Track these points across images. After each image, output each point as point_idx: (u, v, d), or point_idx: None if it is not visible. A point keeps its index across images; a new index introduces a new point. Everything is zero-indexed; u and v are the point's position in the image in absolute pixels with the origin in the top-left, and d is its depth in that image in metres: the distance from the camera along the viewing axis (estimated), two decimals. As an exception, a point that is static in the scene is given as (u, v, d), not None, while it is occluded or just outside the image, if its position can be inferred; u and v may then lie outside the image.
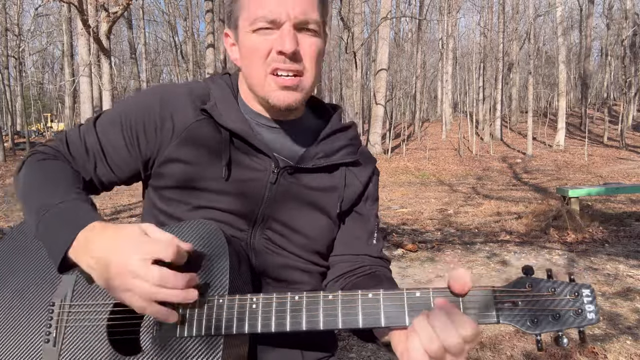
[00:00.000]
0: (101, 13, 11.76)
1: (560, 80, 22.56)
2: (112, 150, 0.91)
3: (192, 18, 34.76)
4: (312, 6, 0.84)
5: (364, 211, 1.01)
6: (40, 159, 0.90)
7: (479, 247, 5.38)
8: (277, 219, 0.92)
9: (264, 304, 0.72)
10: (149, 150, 0.91)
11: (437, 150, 22.11)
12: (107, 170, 0.93)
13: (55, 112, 39.24)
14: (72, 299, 0.80)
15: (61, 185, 0.84)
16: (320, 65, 0.90)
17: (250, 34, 0.84)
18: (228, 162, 0.88)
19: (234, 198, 0.89)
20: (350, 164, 0.98)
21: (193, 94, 0.92)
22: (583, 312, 0.65)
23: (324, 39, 0.90)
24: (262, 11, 0.82)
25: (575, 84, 39.89)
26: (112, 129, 0.92)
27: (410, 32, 36.58)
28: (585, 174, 14.69)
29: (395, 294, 0.70)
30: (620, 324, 3.14)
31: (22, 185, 0.88)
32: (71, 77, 23.45)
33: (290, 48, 0.81)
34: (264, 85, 0.86)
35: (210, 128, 0.89)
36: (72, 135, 0.94)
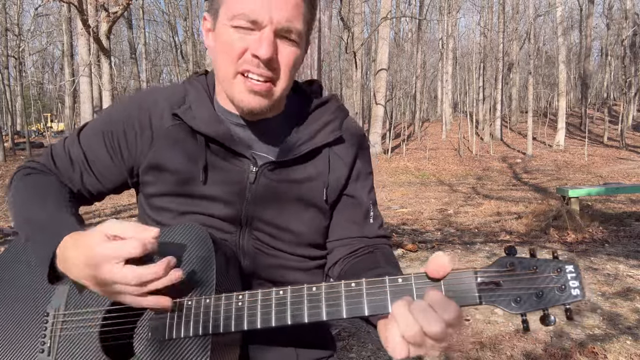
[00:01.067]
0: (101, 13, 11.76)
1: (560, 80, 22.56)
2: (97, 160, 0.92)
3: (192, 18, 34.76)
4: (298, 15, 0.81)
5: (354, 192, 0.97)
6: (27, 173, 0.92)
7: (479, 247, 5.39)
8: (262, 218, 0.90)
9: (250, 301, 0.72)
10: (131, 157, 0.91)
11: (437, 150, 22.12)
12: (93, 180, 0.93)
13: (55, 112, 39.24)
14: (65, 308, 0.81)
15: (45, 199, 0.85)
16: (294, 74, 0.87)
17: (228, 28, 0.80)
18: (205, 166, 0.87)
19: (216, 202, 0.88)
20: (334, 142, 0.93)
21: (170, 98, 0.91)
22: (567, 289, 0.62)
23: (304, 49, 0.87)
24: (245, 9, 0.78)
25: (575, 84, 39.89)
26: (94, 139, 0.92)
27: (410, 32, 36.58)
28: (585, 174, 14.69)
29: (378, 281, 0.69)
30: (620, 324, 3.14)
31: (12, 200, 0.89)
32: (71, 77, 23.45)
33: (266, 54, 0.78)
34: (232, 84, 0.83)
35: (185, 133, 0.88)
36: (57, 149, 0.95)
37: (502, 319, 3.28)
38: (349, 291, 0.69)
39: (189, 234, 0.79)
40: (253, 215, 0.89)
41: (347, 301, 0.69)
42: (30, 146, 21.01)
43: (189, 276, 0.75)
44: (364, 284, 0.69)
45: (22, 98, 31.09)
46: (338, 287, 0.70)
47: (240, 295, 0.72)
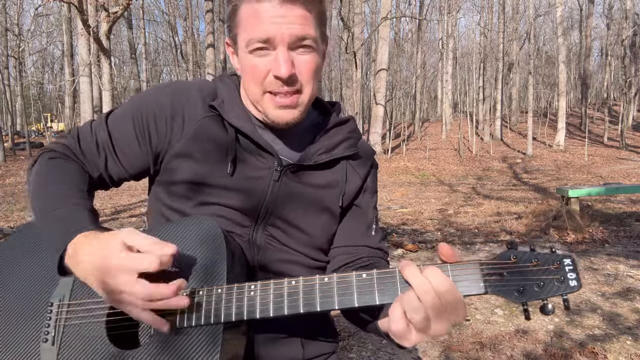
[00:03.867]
0: (101, 13, 11.76)
1: (560, 80, 22.56)
2: (124, 145, 0.92)
3: (192, 18, 34.76)
4: (307, 22, 0.84)
5: (362, 204, 1.03)
6: (50, 157, 0.91)
7: (479, 247, 5.39)
8: (280, 216, 0.94)
9: (262, 290, 0.74)
10: (160, 144, 0.92)
11: (437, 150, 22.12)
12: (117, 165, 0.93)
13: (55, 112, 39.23)
14: (70, 298, 0.81)
15: (64, 189, 0.85)
16: (317, 79, 0.91)
17: (247, 54, 0.86)
18: (234, 158, 0.90)
19: (238, 194, 0.91)
20: (350, 157, 1.00)
21: (203, 91, 0.94)
22: (566, 280, 0.68)
23: (321, 51, 0.91)
24: (256, 33, 0.83)
25: (575, 84, 39.89)
26: (123, 124, 0.93)
27: (410, 32, 36.59)
28: (585, 174, 14.69)
29: (388, 272, 0.72)
30: (620, 324, 3.14)
31: (31, 184, 0.89)
32: (71, 77, 23.45)
33: (287, 73, 0.83)
34: (262, 102, 0.89)
35: (217, 125, 0.92)
36: (83, 131, 0.95)
37: (502, 319, 3.28)
38: (360, 281, 0.72)
39: (200, 228, 0.80)
40: (271, 211, 0.93)
41: (358, 290, 0.72)
42: (30, 146, 21.01)
43: (200, 270, 0.76)
44: (374, 274, 0.72)
45: (22, 98, 31.09)
46: (349, 277, 0.73)
47: (252, 285, 0.75)
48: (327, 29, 0.94)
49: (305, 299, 0.73)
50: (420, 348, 2.88)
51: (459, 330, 3.09)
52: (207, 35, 18.73)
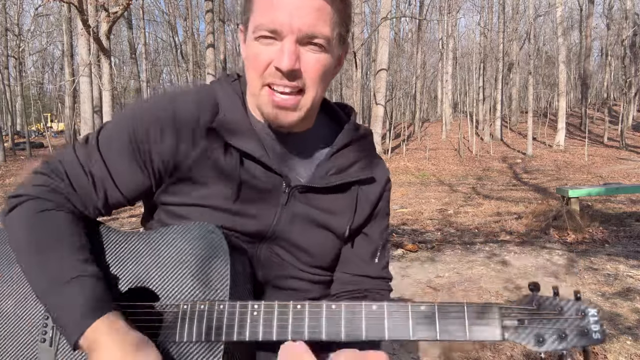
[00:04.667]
0: (101, 13, 11.76)
1: (560, 80, 22.56)
2: (124, 174, 0.84)
3: (192, 18, 34.75)
4: (322, 19, 0.77)
5: (369, 231, 0.97)
6: (39, 209, 0.79)
7: (479, 247, 5.38)
8: (285, 238, 0.90)
9: (266, 311, 0.71)
10: (162, 167, 0.85)
11: (437, 151, 22.11)
12: (116, 194, 0.85)
13: (55, 112, 39.22)
14: None
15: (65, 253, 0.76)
16: (325, 82, 0.83)
17: (253, 41, 0.80)
18: (238, 183, 0.84)
19: (243, 219, 0.86)
20: (364, 181, 0.93)
21: (202, 104, 0.85)
22: (589, 332, 0.65)
23: (334, 54, 0.83)
24: (265, 19, 0.76)
25: (575, 84, 39.88)
26: (121, 150, 0.83)
27: (410, 32, 36.60)
28: (585, 174, 14.69)
29: (400, 306, 0.69)
30: (620, 324, 3.14)
31: (17, 241, 0.79)
32: (71, 77, 23.44)
33: (288, 66, 0.76)
34: (259, 96, 0.82)
35: (220, 147, 0.84)
36: (71, 165, 0.83)
37: (502, 319, 3.28)
38: (370, 312, 0.69)
39: (204, 234, 0.78)
40: (277, 234, 0.89)
41: (367, 323, 0.69)
42: (30, 146, 21.01)
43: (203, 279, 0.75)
44: (385, 307, 0.69)
45: (22, 98, 31.09)
46: (358, 308, 0.69)
47: (256, 304, 0.71)
48: (348, 33, 0.85)
49: (311, 326, 0.70)
50: (421, 348, 2.88)
51: (459, 330, 3.09)
52: (207, 35, 18.72)
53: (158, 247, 0.80)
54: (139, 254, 0.81)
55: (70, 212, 0.81)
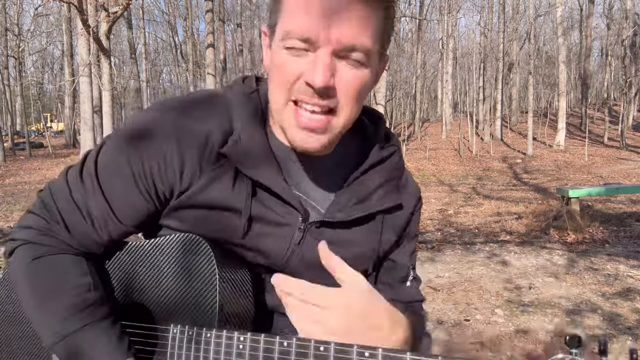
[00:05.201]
0: (101, 13, 11.76)
1: (561, 80, 22.56)
2: (126, 207, 0.75)
3: (192, 18, 34.77)
4: (365, 30, 0.65)
5: (396, 257, 0.87)
6: (34, 256, 0.74)
7: (479, 247, 5.38)
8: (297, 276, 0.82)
9: (252, 343, 0.66)
10: (168, 193, 0.75)
11: (437, 151, 22.12)
12: (120, 228, 0.77)
13: (55, 112, 39.24)
14: None
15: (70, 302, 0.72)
16: (361, 102, 0.71)
17: (281, 49, 0.67)
18: (249, 217, 0.74)
19: (251, 253, 0.78)
20: (391, 210, 0.82)
21: (212, 125, 0.74)
22: None
23: (375, 69, 0.71)
24: (296, 25, 0.64)
25: (575, 84, 39.89)
26: (122, 180, 0.74)
27: (410, 32, 36.59)
28: (586, 174, 14.68)
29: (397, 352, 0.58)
30: (620, 324, 3.14)
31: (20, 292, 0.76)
32: (71, 77, 23.44)
33: (321, 83, 0.64)
34: (282, 113, 0.70)
35: (230, 172, 0.74)
36: (66, 207, 0.75)
37: (502, 319, 3.28)
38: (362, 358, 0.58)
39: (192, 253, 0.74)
40: (289, 271, 0.78)
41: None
42: (30, 146, 21.02)
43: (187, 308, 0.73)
44: (380, 352, 0.58)
45: (22, 98, 31.09)
46: (349, 352, 0.59)
47: (242, 337, 0.66)
48: (388, 45, 0.74)
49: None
50: (420, 348, 2.88)
51: (459, 330, 3.09)
52: (207, 35, 18.71)
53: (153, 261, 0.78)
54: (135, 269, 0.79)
55: (66, 253, 0.76)
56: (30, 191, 11.31)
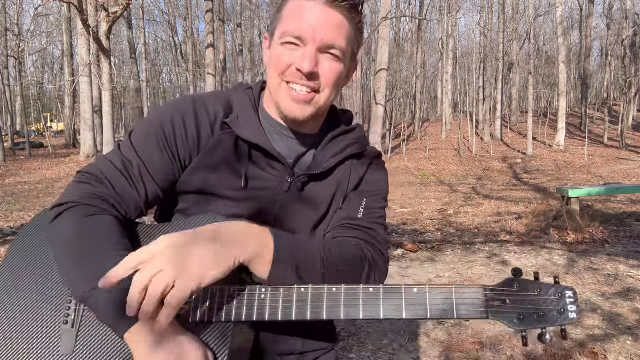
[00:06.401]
0: (101, 13, 11.76)
1: (561, 80, 22.56)
2: (157, 165, 0.94)
3: (192, 18, 34.76)
4: (341, 34, 0.90)
5: (352, 194, 1.02)
6: (85, 214, 0.85)
7: (479, 247, 5.38)
8: (287, 225, 0.98)
9: (272, 294, 0.78)
10: (185, 158, 0.96)
11: (437, 151, 22.12)
12: (154, 187, 0.94)
13: (55, 112, 39.25)
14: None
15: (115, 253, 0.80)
16: (337, 88, 0.95)
17: (279, 46, 0.91)
18: (246, 172, 0.95)
19: (248, 205, 0.96)
20: (356, 156, 1.03)
21: (219, 106, 0.97)
22: (565, 312, 0.71)
23: (346, 65, 0.95)
24: (292, 27, 0.89)
25: (575, 84, 39.89)
26: (153, 144, 0.94)
27: (410, 32, 36.59)
28: (586, 174, 14.69)
29: (394, 287, 0.76)
30: (620, 324, 3.14)
31: (67, 244, 0.84)
32: (71, 77, 23.44)
33: (308, 68, 0.87)
34: (278, 90, 0.93)
35: (232, 140, 0.95)
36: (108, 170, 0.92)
37: (502, 319, 3.28)
38: (367, 294, 0.76)
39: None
40: (279, 220, 0.98)
41: (364, 305, 0.76)
42: (30, 146, 21.01)
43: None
44: (381, 289, 0.76)
45: (22, 98, 31.09)
46: (356, 290, 0.77)
47: (263, 288, 0.79)
48: (358, 51, 0.99)
49: (313, 307, 0.77)
50: (420, 348, 2.88)
51: (459, 330, 3.09)
52: (207, 35, 18.72)
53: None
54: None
55: (113, 216, 0.89)
56: (30, 191, 11.32)
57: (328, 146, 1.02)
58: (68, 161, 17.33)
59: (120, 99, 35.96)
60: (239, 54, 33.57)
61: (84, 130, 17.24)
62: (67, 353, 0.83)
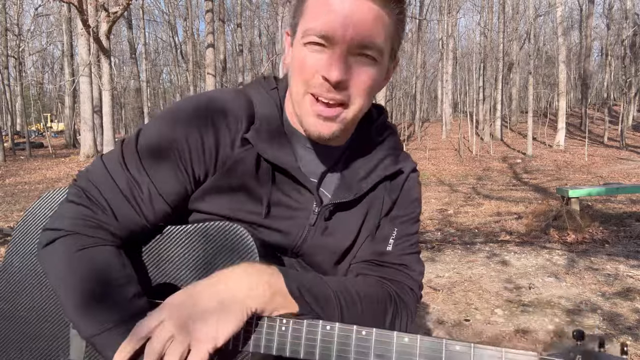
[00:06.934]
0: (101, 13, 11.76)
1: (560, 80, 22.56)
2: (168, 183, 0.80)
3: (192, 18, 34.75)
4: (379, 30, 0.73)
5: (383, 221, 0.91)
6: (79, 247, 0.76)
7: (479, 247, 5.38)
8: (311, 258, 0.88)
9: (294, 329, 0.70)
10: (202, 173, 0.82)
11: (437, 150, 22.12)
12: (164, 207, 0.80)
13: (55, 112, 39.26)
14: None
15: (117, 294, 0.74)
16: (372, 96, 0.80)
17: (301, 46, 0.75)
18: (269, 199, 0.82)
19: (270, 232, 0.84)
20: (391, 176, 0.89)
21: (239, 114, 0.81)
22: None
23: (385, 67, 0.80)
24: (316, 24, 0.72)
25: (575, 84, 39.91)
26: (163, 158, 0.79)
27: (410, 32, 36.59)
28: (586, 174, 14.69)
29: (434, 344, 0.65)
30: (620, 324, 3.14)
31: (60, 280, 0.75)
32: (71, 77, 23.45)
33: (336, 77, 0.72)
34: (301, 103, 0.78)
35: (252, 159, 0.81)
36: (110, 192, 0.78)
37: (502, 319, 3.28)
38: (402, 345, 0.66)
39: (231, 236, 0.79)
40: (302, 253, 0.88)
41: (398, 356, 0.66)
42: (30, 146, 21.01)
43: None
44: (418, 341, 0.66)
45: (22, 98, 31.10)
46: (390, 338, 0.66)
47: (284, 320, 0.71)
48: (400, 46, 0.82)
49: (339, 350, 0.68)
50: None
51: (460, 330, 3.09)
52: (207, 35, 18.70)
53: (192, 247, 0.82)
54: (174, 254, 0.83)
55: (111, 245, 0.78)
56: (30, 191, 11.32)
57: (357, 162, 0.88)
58: (68, 161, 17.33)
59: (120, 99, 35.96)
60: (239, 54, 33.57)
61: (84, 130, 17.23)
62: (78, 358, 0.80)
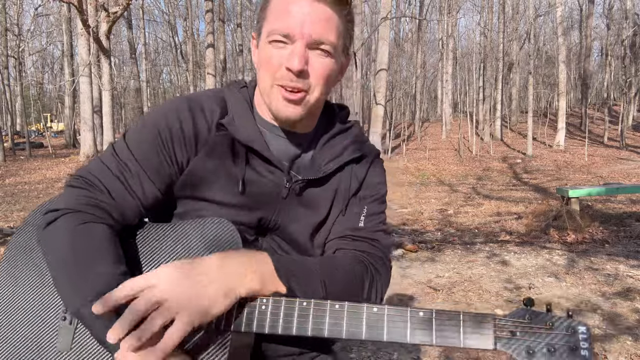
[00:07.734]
0: (101, 13, 11.76)
1: (560, 80, 22.55)
2: (154, 167, 0.90)
3: (192, 18, 34.74)
4: (330, 28, 0.86)
5: (353, 200, 1.01)
6: (79, 222, 0.82)
7: (479, 247, 5.38)
8: (284, 233, 0.97)
9: (273, 306, 0.76)
10: (184, 160, 0.92)
11: (437, 151, 22.12)
12: (152, 188, 0.90)
13: (55, 112, 39.26)
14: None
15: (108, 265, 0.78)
16: (329, 85, 0.92)
17: (267, 44, 0.88)
18: (244, 177, 0.92)
19: (246, 211, 0.93)
20: (356, 160, 1.01)
21: (214, 107, 0.94)
22: (577, 349, 0.67)
23: (338, 60, 0.92)
24: (278, 25, 0.85)
25: (575, 84, 39.90)
26: (149, 146, 0.90)
27: (410, 32, 36.59)
28: (586, 174, 14.68)
29: (400, 310, 0.73)
30: (620, 324, 3.14)
31: (59, 253, 0.80)
32: (71, 77, 23.44)
33: (297, 67, 0.84)
34: (270, 94, 0.89)
35: (228, 142, 0.92)
36: (104, 176, 0.88)
37: (502, 319, 3.28)
38: (370, 315, 0.74)
39: (219, 231, 0.86)
40: (277, 227, 0.96)
41: (367, 325, 0.73)
42: (30, 146, 21.01)
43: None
44: (386, 311, 0.73)
45: (22, 98, 31.09)
46: (360, 309, 0.74)
47: (265, 299, 0.77)
48: (350, 44, 0.95)
49: (315, 323, 0.75)
50: (421, 348, 2.88)
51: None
52: (207, 35, 18.70)
53: (186, 240, 0.87)
54: (167, 248, 0.88)
55: (108, 224, 0.85)
56: (30, 191, 11.32)
57: (325, 147, 0.99)
58: (68, 161, 17.33)
59: (120, 99, 35.96)
60: (239, 54, 33.57)
61: (83, 130, 17.23)
62: (65, 350, 0.83)
